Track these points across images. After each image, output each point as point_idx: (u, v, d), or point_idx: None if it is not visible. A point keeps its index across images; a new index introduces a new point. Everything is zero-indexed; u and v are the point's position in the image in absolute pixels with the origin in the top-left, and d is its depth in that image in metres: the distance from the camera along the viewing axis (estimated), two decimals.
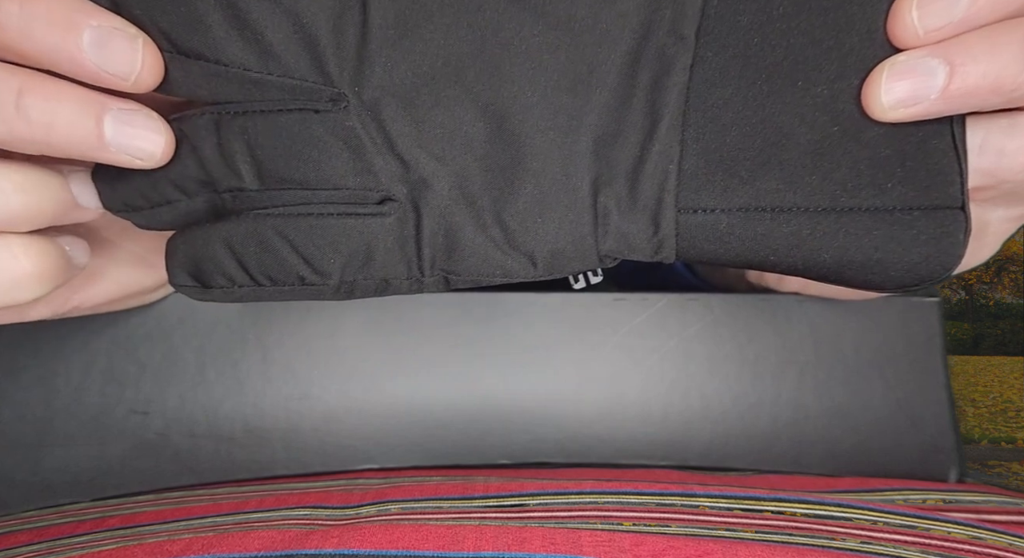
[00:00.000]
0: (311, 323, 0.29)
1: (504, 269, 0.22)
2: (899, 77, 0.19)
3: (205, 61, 0.19)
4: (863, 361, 0.30)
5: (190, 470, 0.28)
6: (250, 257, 0.21)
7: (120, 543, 0.22)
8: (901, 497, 0.27)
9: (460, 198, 0.21)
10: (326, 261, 0.21)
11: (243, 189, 0.21)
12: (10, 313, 0.23)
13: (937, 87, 0.18)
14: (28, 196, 0.19)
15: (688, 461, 0.30)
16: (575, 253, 0.21)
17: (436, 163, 0.21)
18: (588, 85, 0.20)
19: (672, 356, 0.30)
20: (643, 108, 0.20)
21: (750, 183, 0.20)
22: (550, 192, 0.21)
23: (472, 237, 0.21)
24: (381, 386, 0.29)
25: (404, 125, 0.20)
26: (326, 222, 0.21)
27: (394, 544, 0.20)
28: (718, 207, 0.21)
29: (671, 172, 0.20)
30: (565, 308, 0.30)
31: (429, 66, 0.20)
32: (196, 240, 0.21)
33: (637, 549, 0.20)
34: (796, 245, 0.21)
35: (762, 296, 0.31)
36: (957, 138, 0.20)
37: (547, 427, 0.30)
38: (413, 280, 0.22)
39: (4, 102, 0.18)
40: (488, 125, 0.21)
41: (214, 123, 0.20)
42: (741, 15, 0.20)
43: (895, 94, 0.19)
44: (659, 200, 0.21)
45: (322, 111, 0.20)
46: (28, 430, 0.28)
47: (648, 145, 0.20)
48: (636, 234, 0.21)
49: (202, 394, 0.29)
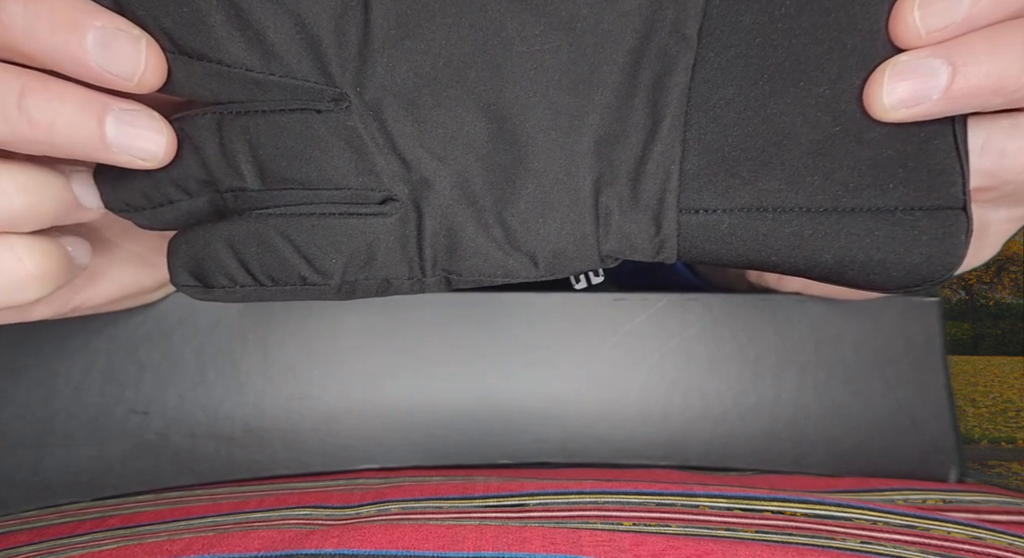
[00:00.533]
0: (312, 323, 0.29)
1: (506, 269, 0.22)
2: (901, 77, 0.19)
3: (207, 61, 0.19)
4: (863, 361, 0.30)
5: (190, 470, 0.28)
6: (252, 257, 0.21)
7: (120, 543, 0.22)
8: (901, 497, 0.27)
9: (462, 198, 0.21)
10: (328, 261, 0.21)
11: (245, 189, 0.21)
12: (12, 313, 0.23)
13: (939, 87, 0.18)
14: (31, 197, 0.19)
15: (688, 461, 0.30)
16: (576, 253, 0.21)
17: (438, 163, 0.21)
18: (590, 85, 0.20)
19: (672, 356, 0.30)
20: (645, 108, 0.20)
21: (752, 183, 0.20)
22: (552, 192, 0.21)
23: (474, 237, 0.21)
24: (381, 386, 0.29)
25: (406, 125, 0.20)
26: (328, 222, 0.21)
27: (394, 544, 0.20)
28: (720, 207, 0.21)
29: (673, 172, 0.20)
30: (565, 308, 0.30)
31: (431, 66, 0.20)
32: (198, 240, 0.21)
33: (637, 549, 0.20)
34: (798, 245, 0.21)
35: (762, 296, 0.31)
36: (959, 139, 0.20)
37: (547, 427, 0.30)
38: (415, 280, 0.22)
39: (7, 102, 0.18)
40: (490, 125, 0.21)
41: (216, 123, 0.20)
42: (743, 15, 0.20)
43: (897, 94, 0.19)
44: (661, 200, 0.21)
45: (324, 111, 0.20)
46: (28, 430, 0.28)
47: (650, 145, 0.20)
48: (637, 234, 0.21)
49: (202, 394, 0.29)
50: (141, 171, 0.20)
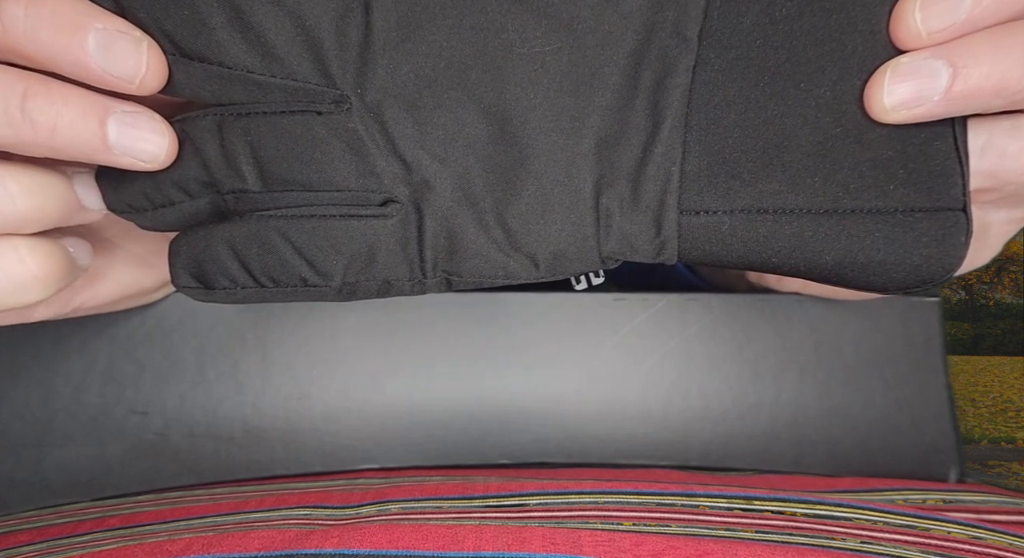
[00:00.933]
0: (311, 323, 0.29)
1: (506, 270, 0.22)
2: (902, 78, 0.19)
3: (208, 63, 0.19)
4: (863, 361, 0.30)
5: (190, 470, 0.28)
6: (253, 258, 0.21)
7: (120, 543, 0.22)
8: (901, 497, 0.27)
9: (462, 199, 0.21)
10: (328, 262, 0.21)
11: (246, 191, 0.21)
12: (14, 315, 0.23)
13: (940, 88, 0.18)
14: (34, 199, 0.19)
15: (688, 461, 0.30)
16: (577, 254, 0.21)
17: (438, 165, 0.21)
18: (591, 86, 0.20)
19: (672, 356, 0.30)
20: (646, 109, 0.20)
21: (752, 185, 0.20)
22: (552, 193, 0.21)
23: (474, 238, 0.21)
24: (381, 386, 0.29)
25: (406, 127, 0.20)
26: (328, 224, 0.21)
27: (394, 544, 0.20)
28: (720, 208, 0.21)
29: (673, 174, 0.20)
30: (565, 308, 0.30)
31: (432, 68, 0.20)
32: (199, 242, 0.21)
33: (637, 549, 0.20)
34: (798, 247, 0.21)
35: (762, 296, 0.31)
36: (959, 140, 0.20)
37: (547, 427, 0.30)
38: (415, 282, 0.22)
39: (9, 105, 0.18)
40: (490, 127, 0.20)
41: (217, 124, 0.20)
42: (744, 16, 0.20)
43: (898, 96, 0.19)
44: (661, 201, 0.21)
45: (325, 113, 0.20)
46: (28, 430, 0.28)
47: (650, 147, 0.20)
48: (638, 235, 0.21)
49: (202, 394, 0.29)
50: (142, 173, 0.20)
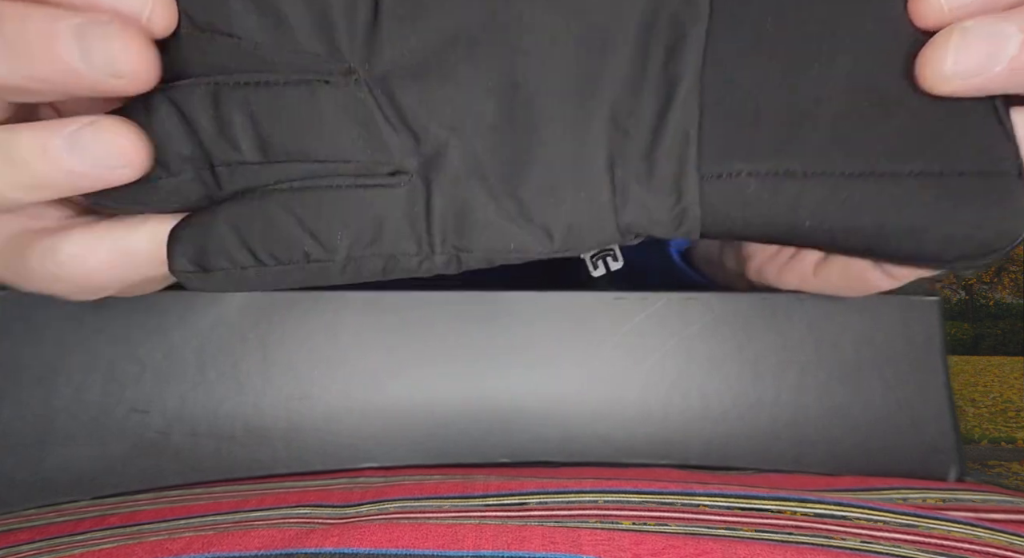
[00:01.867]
0: (312, 323, 0.29)
1: (519, 243, 0.21)
2: (970, 43, 0.18)
3: (218, 33, 0.19)
4: (863, 361, 0.30)
5: (191, 469, 0.28)
6: (255, 235, 0.20)
7: (120, 541, 0.22)
8: (901, 496, 0.27)
9: (473, 171, 0.20)
10: (334, 235, 0.20)
11: (243, 162, 0.20)
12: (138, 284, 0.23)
13: (1007, 55, 0.18)
14: None
15: (688, 460, 0.30)
16: (593, 225, 0.21)
17: (448, 134, 0.20)
18: (602, 56, 0.20)
19: (672, 355, 0.30)
20: (659, 76, 0.20)
21: (778, 147, 0.20)
22: (565, 164, 0.20)
23: (485, 210, 0.21)
24: (382, 385, 0.29)
25: (416, 98, 0.20)
26: (335, 194, 0.20)
27: (394, 543, 0.20)
28: (744, 170, 0.20)
29: (691, 138, 0.20)
30: (565, 308, 0.30)
31: (440, 39, 0.20)
32: (200, 224, 0.21)
33: (637, 548, 0.20)
34: (833, 208, 0.19)
35: (762, 295, 0.31)
36: (1003, 118, 0.19)
37: (547, 426, 0.30)
38: (423, 257, 0.21)
39: None
40: (501, 98, 0.20)
41: (211, 94, 0.19)
42: None
43: (963, 61, 0.18)
44: (680, 166, 0.20)
45: (332, 83, 0.20)
46: (29, 429, 0.28)
47: (665, 112, 0.20)
48: (657, 205, 0.20)
49: (203, 393, 0.29)
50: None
